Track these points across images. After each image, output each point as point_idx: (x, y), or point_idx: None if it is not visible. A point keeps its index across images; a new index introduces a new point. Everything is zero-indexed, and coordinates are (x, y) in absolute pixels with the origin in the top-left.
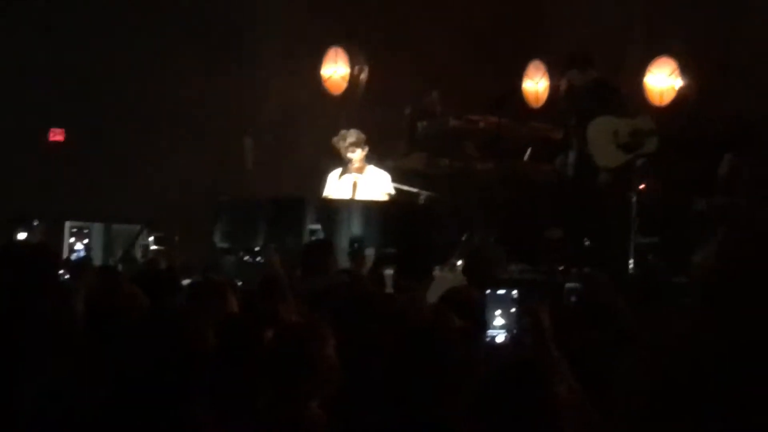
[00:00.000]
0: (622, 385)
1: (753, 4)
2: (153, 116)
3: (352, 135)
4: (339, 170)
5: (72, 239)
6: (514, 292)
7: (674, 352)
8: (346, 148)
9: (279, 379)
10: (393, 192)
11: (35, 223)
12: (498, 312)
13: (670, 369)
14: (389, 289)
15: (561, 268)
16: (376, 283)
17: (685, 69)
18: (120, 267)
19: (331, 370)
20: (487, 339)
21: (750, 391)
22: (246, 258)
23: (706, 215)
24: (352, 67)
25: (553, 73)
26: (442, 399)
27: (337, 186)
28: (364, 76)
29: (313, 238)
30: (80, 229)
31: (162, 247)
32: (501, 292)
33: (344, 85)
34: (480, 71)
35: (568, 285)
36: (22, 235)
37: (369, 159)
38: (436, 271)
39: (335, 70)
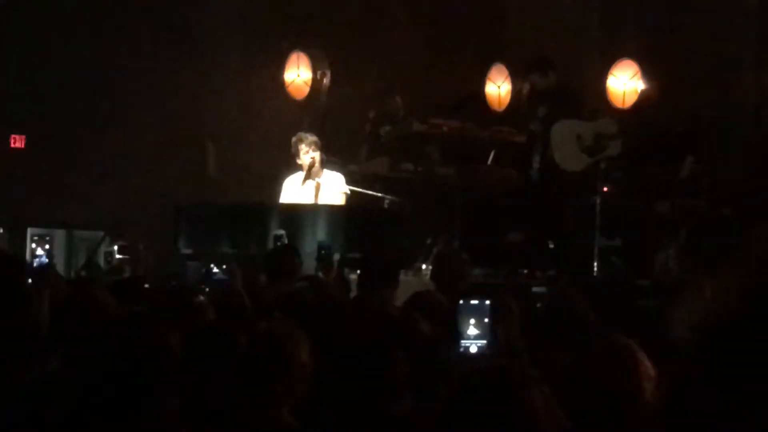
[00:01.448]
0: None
1: (709, 7)
2: (114, 122)
3: (313, 135)
4: (297, 175)
5: (34, 246)
6: (487, 302)
7: None
8: (309, 146)
9: (252, 382)
10: (348, 192)
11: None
12: (472, 322)
13: None
14: (354, 293)
15: (525, 271)
16: (341, 287)
17: (647, 71)
18: (83, 274)
19: (304, 374)
20: (461, 349)
21: None
22: (210, 267)
23: (668, 217)
24: (314, 72)
25: (516, 77)
26: (413, 406)
27: (298, 190)
28: (326, 80)
29: (279, 243)
30: (42, 236)
31: (126, 255)
32: (474, 302)
33: (306, 89)
34: (443, 75)
35: (535, 289)
36: None
37: (331, 163)
38: (402, 275)
39: (297, 74)
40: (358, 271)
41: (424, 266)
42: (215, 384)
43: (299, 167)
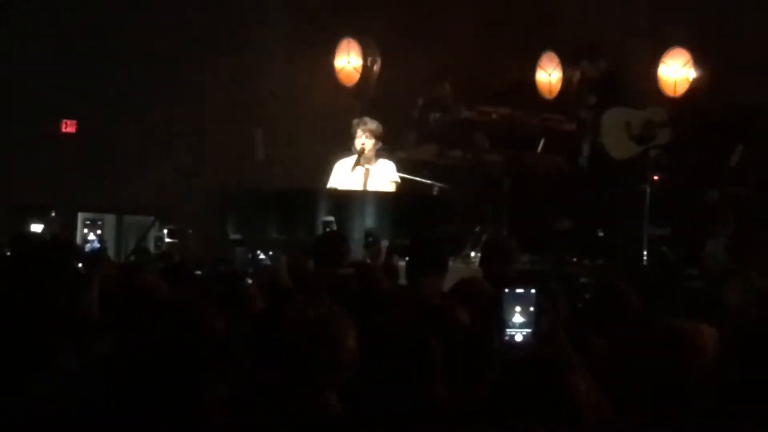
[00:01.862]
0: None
1: None
2: (164, 107)
3: (375, 123)
4: (348, 159)
5: (85, 230)
6: (533, 290)
7: None
8: (364, 132)
9: (297, 368)
10: (398, 180)
11: (52, 215)
12: (517, 310)
13: None
14: (402, 281)
15: (574, 259)
16: (389, 274)
17: (698, 60)
18: (133, 258)
19: (350, 361)
20: (506, 338)
21: None
22: (257, 253)
23: (718, 206)
24: (365, 59)
25: (566, 64)
26: (449, 393)
27: (347, 176)
28: (377, 67)
29: (327, 229)
30: (93, 220)
31: (176, 240)
32: (520, 290)
33: (357, 76)
34: (492, 62)
35: (583, 280)
36: (37, 227)
37: (380, 152)
38: (451, 263)
39: (348, 60)
40: (407, 259)
41: (472, 253)
42: (261, 370)
43: (353, 151)
